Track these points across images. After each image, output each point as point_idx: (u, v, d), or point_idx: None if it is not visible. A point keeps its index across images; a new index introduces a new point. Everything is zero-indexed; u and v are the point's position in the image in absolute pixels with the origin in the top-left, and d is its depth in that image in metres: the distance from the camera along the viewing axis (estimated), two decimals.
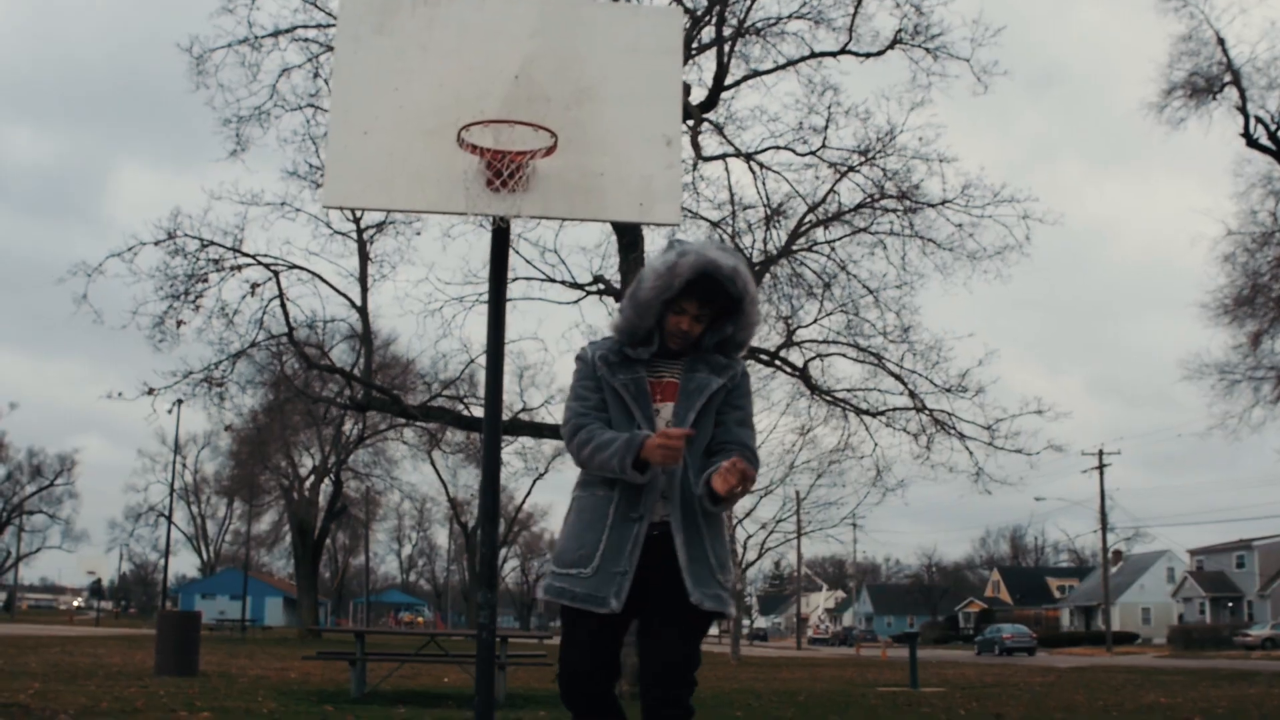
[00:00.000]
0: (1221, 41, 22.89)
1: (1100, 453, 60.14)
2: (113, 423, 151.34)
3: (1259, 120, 23.22)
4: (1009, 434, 16.67)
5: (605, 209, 6.72)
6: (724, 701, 15.27)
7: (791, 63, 15.70)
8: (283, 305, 16.01)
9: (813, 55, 15.67)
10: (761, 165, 15.92)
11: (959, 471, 17.07)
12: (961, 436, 16.84)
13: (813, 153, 15.64)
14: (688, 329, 3.82)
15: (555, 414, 27.93)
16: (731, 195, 16.15)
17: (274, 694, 13.12)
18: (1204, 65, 23.07)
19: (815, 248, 16.68)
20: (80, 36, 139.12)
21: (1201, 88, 23.07)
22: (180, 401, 24.33)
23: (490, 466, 6.86)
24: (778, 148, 15.71)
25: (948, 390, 16.66)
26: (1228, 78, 22.95)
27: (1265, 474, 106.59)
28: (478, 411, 20.13)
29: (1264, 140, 23.40)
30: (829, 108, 15.68)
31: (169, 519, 53.50)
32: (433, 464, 56.51)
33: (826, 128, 15.52)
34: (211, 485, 78.11)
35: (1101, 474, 60.67)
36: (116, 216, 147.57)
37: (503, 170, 6.13)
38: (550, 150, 6.17)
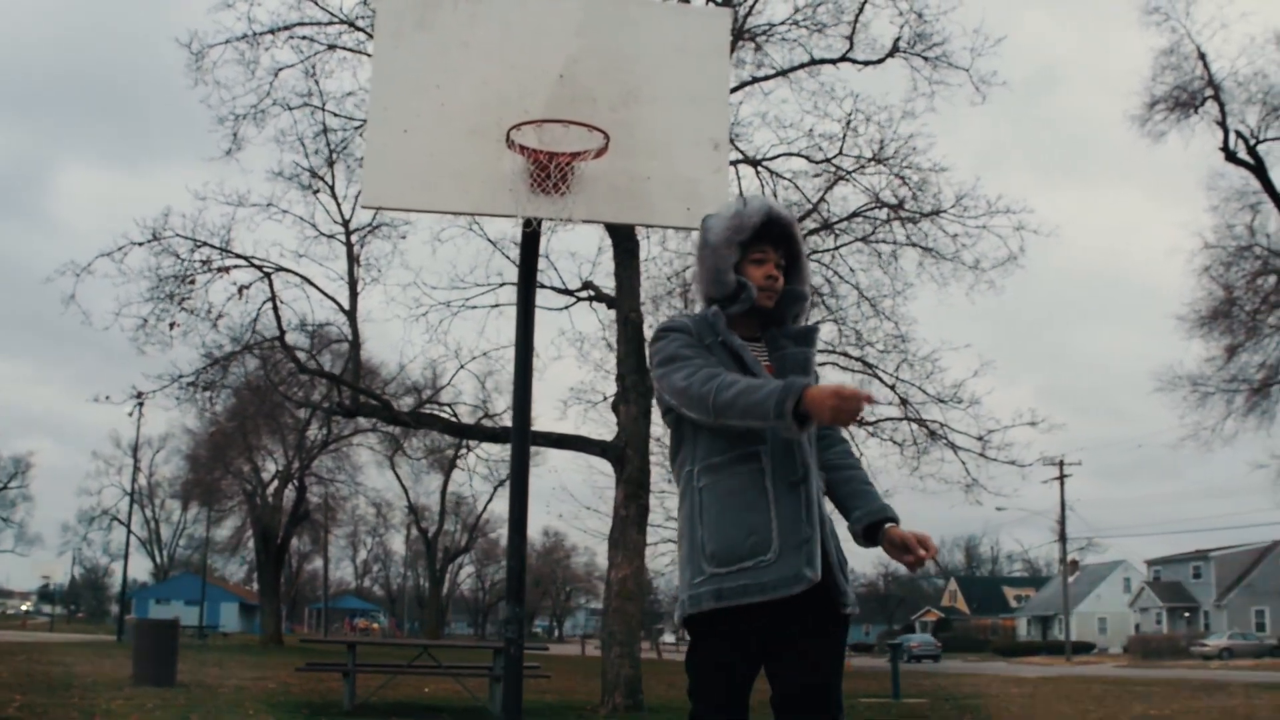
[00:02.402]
0: (1203, 56, 23.04)
1: (1061, 463, 60.55)
2: (63, 425, 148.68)
3: (1239, 135, 23.38)
4: (1001, 445, 16.65)
5: (651, 213, 6.57)
6: None
7: (790, 70, 15.59)
8: (275, 308, 15.76)
9: (813, 62, 15.57)
10: (772, 173, 15.82)
11: (951, 482, 17.01)
12: (954, 447, 16.79)
13: (828, 159, 15.53)
14: (776, 274, 3.50)
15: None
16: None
17: (264, 706, 12.84)
18: (1185, 79, 23.23)
19: (813, 255, 16.56)
20: (18, 20, 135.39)
21: (1184, 101, 23.22)
22: (141, 404, 23.80)
23: (518, 475, 6.68)
24: (790, 154, 15.61)
25: (941, 401, 16.61)
26: (1209, 92, 23.11)
27: (1219, 486, 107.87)
28: (471, 418, 19.95)
29: (1243, 154, 23.56)
30: (849, 115, 15.60)
31: (127, 525, 52.89)
32: (394, 470, 56.16)
33: (844, 136, 15.43)
34: (166, 489, 77.11)
35: (1062, 485, 61.15)
36: (61, 215, 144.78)
37: (551, 172, 5.95)
38: (601, 152, 6.01)
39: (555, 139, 5.96)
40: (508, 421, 23.72)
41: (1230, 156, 23.73)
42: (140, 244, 15.05)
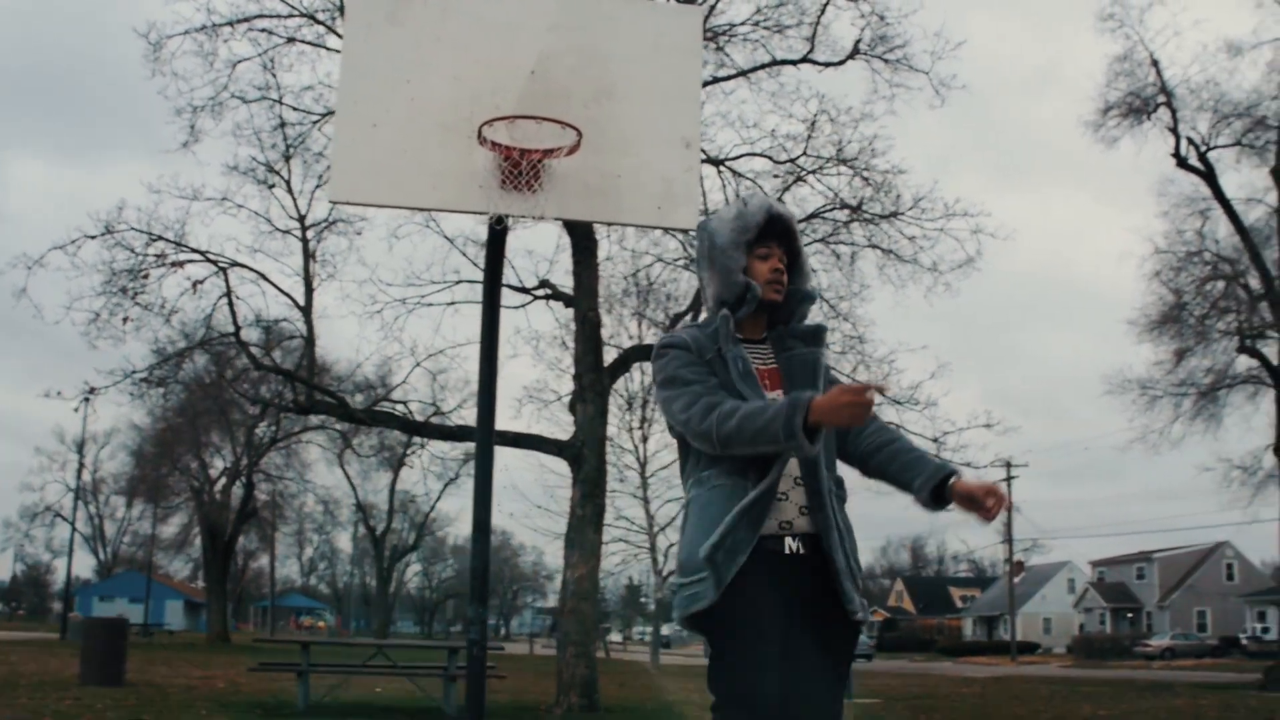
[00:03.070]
0: (1156, 63, 23.32)
1: (1008, 465, 61.05)
2: (5, 420, 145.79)
3: (1190, 141, 23.67)
4: (956, 447, 16.73)
5: (622, 211, 6.53)
6: (668, 714, 15.11)
7: (751, 70, 15.58)
8: (230, 303, 15.58)
9: (774, 63, 15.56)
10: (734, 172, 15.78)
11: None
12: None
13: (792, 160, 15.52)
14: (782, 268, 3.50)
15: (469, 416, 27.37)
16: (705, 203, 15.97)
17: (216, 707, 12.67)
18: (1139, 86, 23.50)
19: None
20: None
21: (1137, 108, 23.48)
22: (88, 399, 23.37)
23: (483, 475, 6.60)
24: (752, 154, 15.59)
25: (897, 402, 16.65)
26: (1161, 99, 23.39)
27: (1164, 489, 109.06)
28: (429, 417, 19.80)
29: (1194, 161, 23.85)
30: (814, 115, 15.57)
31: (71, 522, 52.08)
32: (342, 467, 55.75)
33: (809, 137, 15.41)
34: (110, 485, 75.98)
35: (1009, 486, 61.66)
36: (10, 208, 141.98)
37: (523, 169, 5.89)
38: (573, 149, 5.94)
39: (527, 135, 5.89)
40: (458, 419, 23.70)
41: (1181, 163, 24.04)
42: (93, 237, 14.83)
